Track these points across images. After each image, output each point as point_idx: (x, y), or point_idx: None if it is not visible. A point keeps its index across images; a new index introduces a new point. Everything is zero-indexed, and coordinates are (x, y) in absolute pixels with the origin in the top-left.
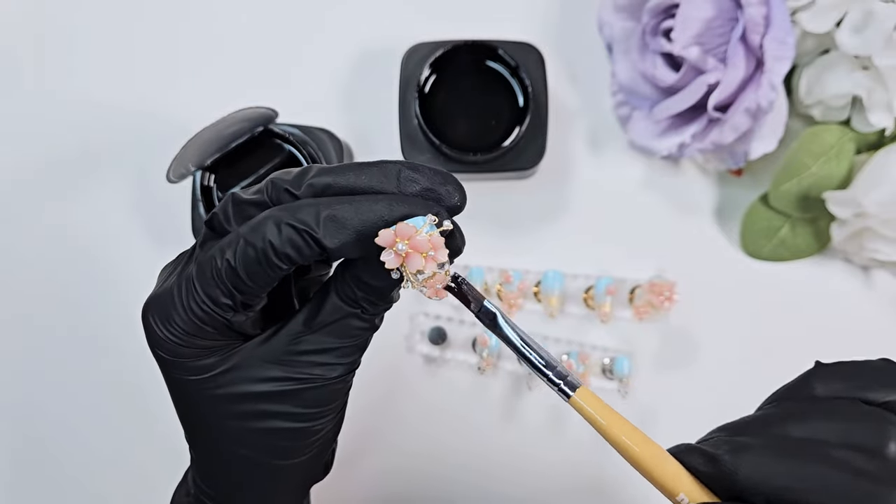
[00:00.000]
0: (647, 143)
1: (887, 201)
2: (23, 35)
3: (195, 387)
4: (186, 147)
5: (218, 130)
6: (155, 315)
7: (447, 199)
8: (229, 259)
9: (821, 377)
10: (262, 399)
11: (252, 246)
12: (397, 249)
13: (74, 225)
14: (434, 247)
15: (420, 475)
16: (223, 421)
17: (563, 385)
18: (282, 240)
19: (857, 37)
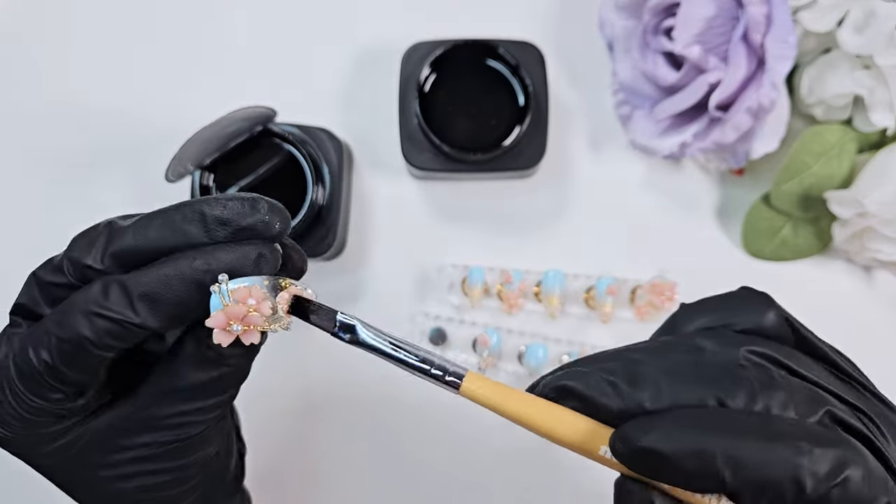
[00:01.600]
0: (648, 143)
1: (889, 201)
2: (22, 35)
3: (59, 467)
4: (185, 146)
5: (217, 130)
6: None
7: (265, 231)
8: (46, 359)
9: (684, 315)
10: (132, 463)
11: (67, 342)
12: (232, 330)
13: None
14: (246, 296)
15: (420, 475)
16: (101, 487)
17: (446, 377)
18: (97, 332)
19: (858, 36)
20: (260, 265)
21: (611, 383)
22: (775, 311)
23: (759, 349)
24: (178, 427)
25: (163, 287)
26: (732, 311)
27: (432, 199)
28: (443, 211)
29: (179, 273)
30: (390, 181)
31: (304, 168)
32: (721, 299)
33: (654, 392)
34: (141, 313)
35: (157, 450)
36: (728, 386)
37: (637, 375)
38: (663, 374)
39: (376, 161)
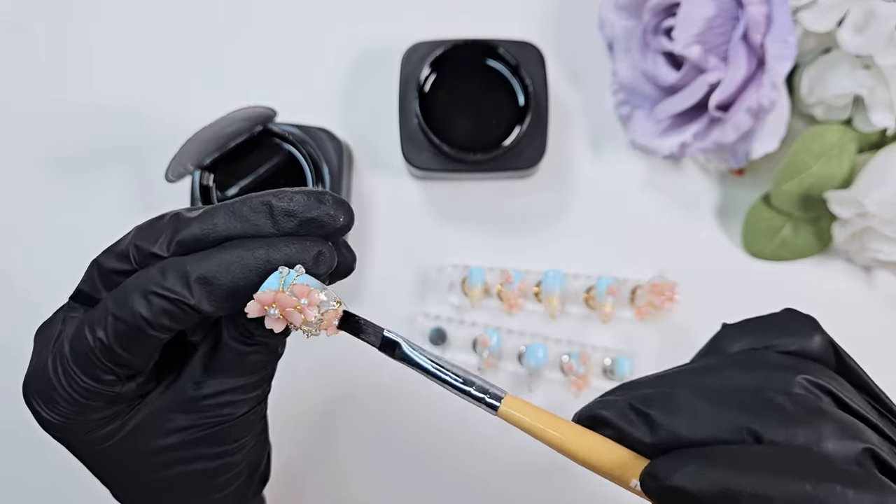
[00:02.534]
0: (649, 143)
1: (889, 201)
2: (22, 35)
3: (103, 454)
4: (185, 146)
5: (216, 130)
6: (37, 398)
7: (330, 223)
8: (101, 338)
9: (728, 336)
10: (174, 449)
11: (122, 321)
12: (270, 315)
13: (73, 224)
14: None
15: (420, 475)
16: (140, 476)
17: (487, 398)
18: (153, 311)
19: (858, 36)
20: (318, 262)
21: (641, 413)
22: (821, 334)
23: (813, 378)
24: (219, 407)
25: (221, 271)
26: (777, 332)
27: (432, 199)
28: (443, 211)
29: (239, 259)
30: (390, 181)
31: (304, 168)
32: (765, 320)
33: (690, 420)
34: (196, 295)
35: (203, 432)
36: (770, 417)
37: (673, 402)
38: (701, 401)
39: (376, 161)
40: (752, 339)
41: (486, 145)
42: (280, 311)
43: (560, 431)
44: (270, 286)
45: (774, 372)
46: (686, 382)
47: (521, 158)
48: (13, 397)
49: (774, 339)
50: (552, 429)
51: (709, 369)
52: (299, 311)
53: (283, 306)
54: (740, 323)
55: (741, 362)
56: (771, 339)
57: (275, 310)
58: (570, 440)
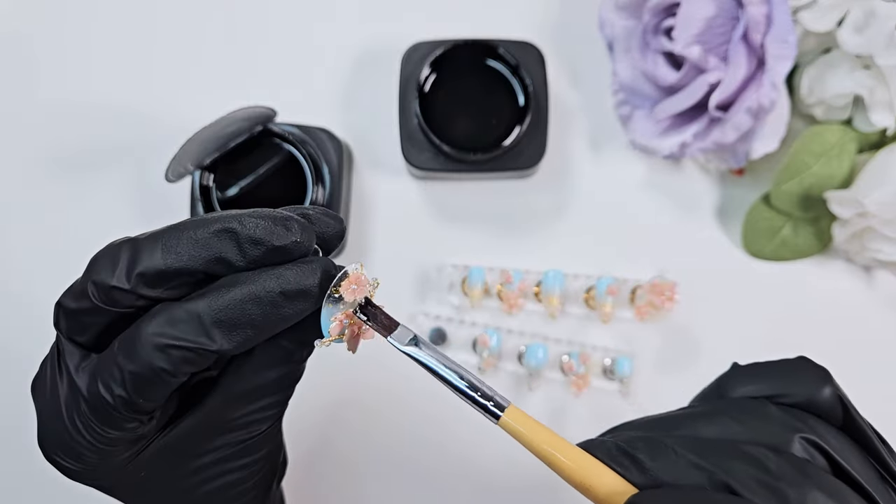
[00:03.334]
0: (649, 143)
1: (889, 201)
2: (22, 36)
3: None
4: (185, 147)
5: (216, 130)
6: (60, 454)
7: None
8: (121, 395)
9: (734, 379)
10: (206, 468)
11: (141, 375)
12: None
13: (73, 224)
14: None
15: (420, 475)
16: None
17: (490, 406)
18: (173, 363)
19: (858, 36)
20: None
21: (627, 454)
22: (831, 387)
23: (812, 437)
24: (248, 426)
25: (237, 312)
26: (787, 381)
27: (432, 199)
28: (443, 211)
29: (253, 297)
30: (390, 181)
31: (304, 168)
32: (776, 367)
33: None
34: (217, 340)
35: (231, 450)
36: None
37: (660, 449)
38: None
39: (376, 161)
40: (760, 386)
41: (486, 145)
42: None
43: (558, 450)
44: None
45: (771, 428)
46: (677, 429)
47: (521, 158)
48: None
49: (782, 388)
50: (550, 447)
51: (705, 416)
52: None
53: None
54: (750, 366)
55: (740, 412)
56: (779, 387)
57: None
58: (566, 461)
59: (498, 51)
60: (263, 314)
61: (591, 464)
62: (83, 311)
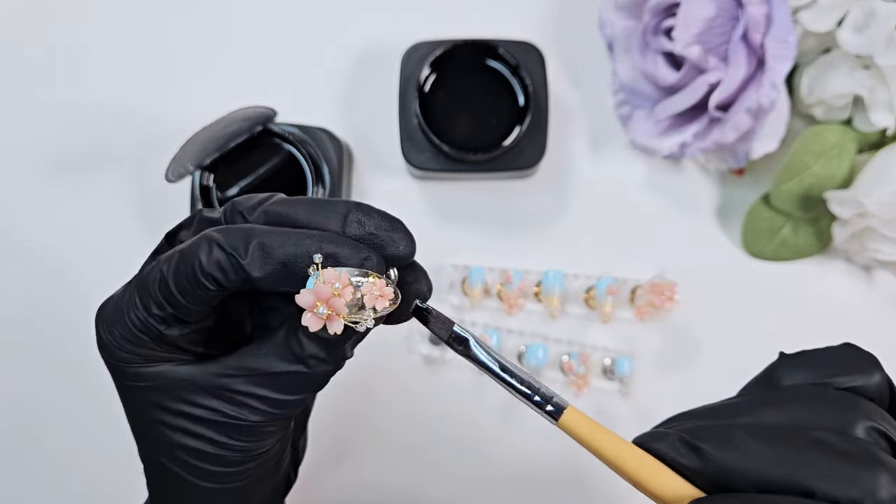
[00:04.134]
0: (649, 143)
1: (889, 201)
2: (22, 35)
3: (135, 393)
4: (185, 147)
5: (216, 130)
6: (102, 319)
7: (390, 246)
8: (163, 270)
9: (786, 367)
10: (188, 419)
11: (184, 261)
12: (319, 314)
13: (73, 224)
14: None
15: (419, 476)
16: (155, 429)
17: (549, 407)
18: (209, 260)
19: (858, 36)
20: (364, 264)
21: (693, 447)
22: (881, 373)
23: (876, 424)
24: (243, 406)
25: (278, 243)
26: (836, 368)
27: (432, 199)
28: (443, 211)
29: (297, 239)
30: (390, 181)
31: (304, 168)
32: (823, 354)
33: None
34: (249, 256)
35: (219, 418)
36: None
37: (725, 437)
38: (755, 438)
39: (376, 161)
40: (810, 373)
41: (486, 145)
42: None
43: (619, 451)
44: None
45: (835, 411)
46: (740, 416)
47: (521, 158)
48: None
49: (833, 375)
50: (611, 448)
51: (764, 403)
52: (338, 296)
53: (323, 299)
54: (797, 354)
55: (799, 398)
56: (829, 374)
57: (323, 308)
58: (628, 462)
59: (498, 51)
60: (296, 257)
61: (653, 466)
62: (212, 221)
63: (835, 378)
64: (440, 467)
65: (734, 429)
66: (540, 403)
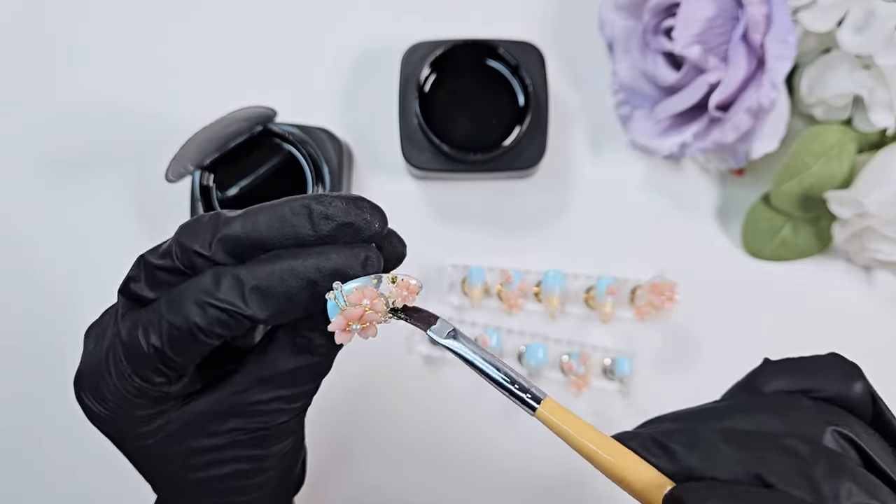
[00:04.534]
0: (648, 143)
1: (889, 201)
2: (22, 35)
3: (148, 450)
4: (185, 147)
5: (216, 130)
6: (88, 393)
7: (366, 228)
8: (155, 344)
9: (767, 374)
10: (216, 450)
11: (177, 329)
12: (352, 329)
13: (73, 224)
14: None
15: (419, 476)
16: (182, 475)
17: (527, 398)
18: (208, 321)
19: (858, 36)
20: (367, 266)
21: (662, 445)
22: (863, 383)
23: (844, 431)
24: (266, 414)
25: (276, 282)
26: (819, 377)
27: (432, 199)
28: (443, 211)
29: (292, 269)
30: (390, 181)
31: (304, 168)
32: (807, 362)
33: (708, 459)
34: (252, 305)
35: (243, 436)
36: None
37: (695, 439)
38: (724, 442)
39: (376, 161)
40: (791, 381)
41: (486, 145)
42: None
43: (594, 443)
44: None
45: (805, 420)
46: (713, 421)
47: (521, 158)
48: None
49: (815, 383)
50: (587, 439)
51: (739, 409)
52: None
53: (355, 319)
54: (780, 361)
55: (773, 405)
56: (811, 382)
57: (357, 325)
58: (603, 454)
59: (498, 51)
60: (299, 288)
61: (626, 457)
62: (162, 269)
63: (812, 387)
64: (440, 467)
65: (704, 432)
66: (518, 395)
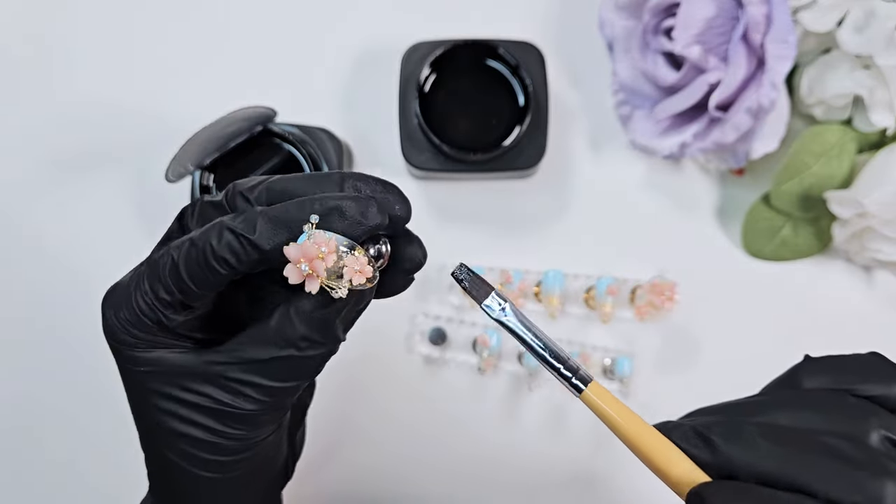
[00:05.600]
0: (648, 143)
1: (888, 201)
2: (22, 34)
3: (136, 379)
4: (185, 147)
5: (217, 130)
6: (108, 303)
7: (387, 207)
8: (174, 256)
9: (809, 370)
10: (184, 405)
11: (195, 247)
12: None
13: (73, 224)
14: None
15: (419, 476)
16: (153, 416)
17: (573, 379)
18: (220, 244)
19: (858, 36)
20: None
21: (703, 437)
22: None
23: (890, 434)
24: (235, 394)
25: (282, 211)
26: (860, 375)
27: (432, 199)
28: (443, 211)
29: (299, 202)
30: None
31: (305, 168)
32: (848, 360)
33: (749, 453)
34: (258, 231)
35: (213, 405)
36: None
37: (736, 432)
38: (765, 437)
39: (376, 161)
40: (832, 379)
41: (486, 145)
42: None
43: (637, 429)
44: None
45: (849, 418)
46: (755, 415)
47: (521, 158)
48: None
49: (856, 382)
50: (629, 424)
51: (781, 404)
52: (321, 259)
53: (308, 257)
54: (821, 359)
55: (816, 402)
56: (852, 381)
57: (305, 266)
58: (644, 440)
59: (498, 51)
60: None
61: (667, 448)
62: (213, 206)
63: (855, 385)
64: (440, 467)
65: (746, 425)
66: (566, 375)
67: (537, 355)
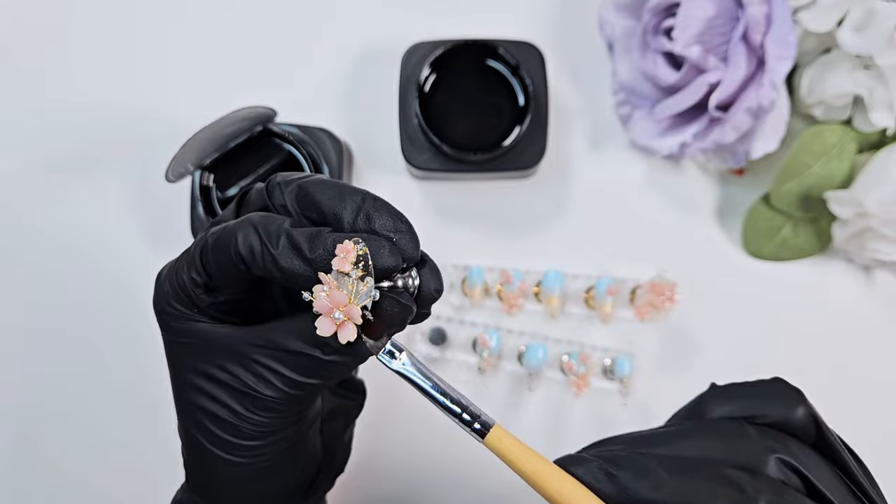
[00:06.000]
0: (648, 143)
1: (888, 201)
2: (21, 35)
3: (174, 350)
4: (185, 147)
5: (217, 130)
6: (163, 272)
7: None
8: (208, 240)
9: (713, 398)
10: (213, 382)
11: (224, 236)
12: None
13: (73, 224)
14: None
15: (419, 476)
16: (185, 391)
17: (475, 424)
18: (244, 242)
19: (858, 36)
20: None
21: (608, 474)
22: (805, 408)
23: (786, 458)
24: (260, 378)
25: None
26: (763, 402)
27: (432, 199)
28: (443, 211)
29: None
30: (390, 181)
31: (305, 168)
32: (752, 387)
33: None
34: (280, 249)
35: (238, 385)
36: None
37: (640, 465)
38: (668, 470)
39: (376, 161)
40: (737, 406)
41: (486, 145)
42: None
43: (542, 471)
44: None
45: (749, 448)
46: (661, 447)
47: (521, 158)
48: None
49: (759, 408)
50: (534, 467)
51: (686, 435)
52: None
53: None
54: (726, 387)
55: (719, 432)
56: (755, 408)
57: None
58: (550, 482)
59: (498, 51)
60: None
61: (572, 487)
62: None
63: (758, 412)
64: (439, 467)
65: (651, 459)
66: (467, 421)
67: (437, 402)
